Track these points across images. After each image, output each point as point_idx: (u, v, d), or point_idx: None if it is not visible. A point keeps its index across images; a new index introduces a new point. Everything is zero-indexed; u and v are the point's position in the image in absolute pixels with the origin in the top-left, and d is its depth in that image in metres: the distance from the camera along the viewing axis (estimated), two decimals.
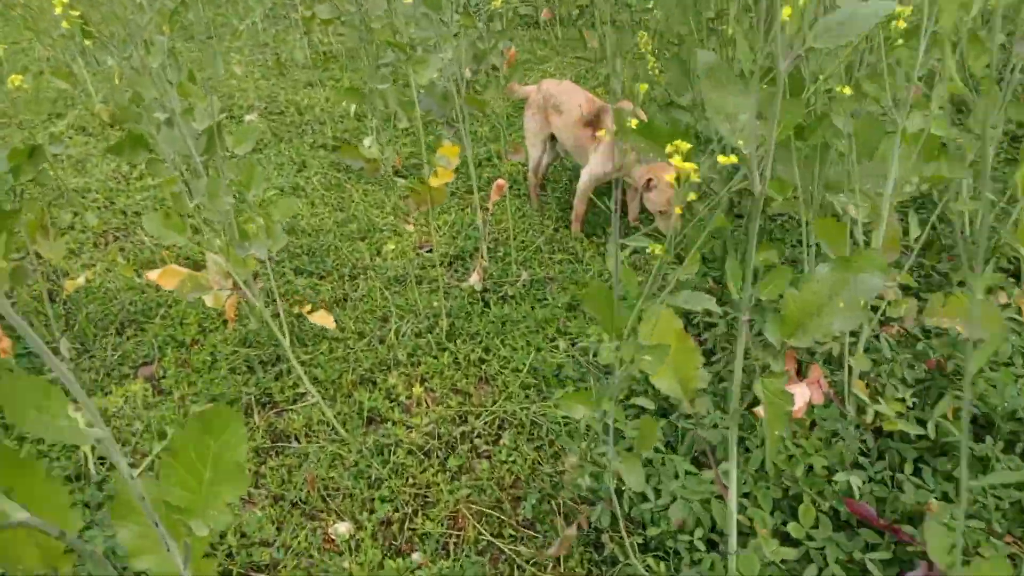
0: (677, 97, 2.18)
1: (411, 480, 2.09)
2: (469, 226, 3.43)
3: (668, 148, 1.09)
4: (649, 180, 3.01)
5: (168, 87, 1.74)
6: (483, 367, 2.54)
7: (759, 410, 1.44)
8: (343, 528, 1.93)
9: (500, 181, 2.95)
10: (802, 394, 1.61)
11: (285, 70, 5.68)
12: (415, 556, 1.86)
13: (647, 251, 3.02)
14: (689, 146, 1.08)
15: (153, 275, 1.78)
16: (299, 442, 2.25)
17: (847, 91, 1.35)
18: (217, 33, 6.82)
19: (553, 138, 3.59)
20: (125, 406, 2.38)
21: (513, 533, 1.93)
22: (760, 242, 2.25)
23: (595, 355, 2.49)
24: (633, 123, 2.18)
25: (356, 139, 4.59)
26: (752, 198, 1.09)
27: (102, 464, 2.17)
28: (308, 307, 1.87)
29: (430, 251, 3.31)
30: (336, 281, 3.10)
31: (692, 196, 1.11)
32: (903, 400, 1.75)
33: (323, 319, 1.86)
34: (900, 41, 1.33)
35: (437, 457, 2.17)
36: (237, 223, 1.70)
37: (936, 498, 1.62)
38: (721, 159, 1.07)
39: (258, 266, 2.20)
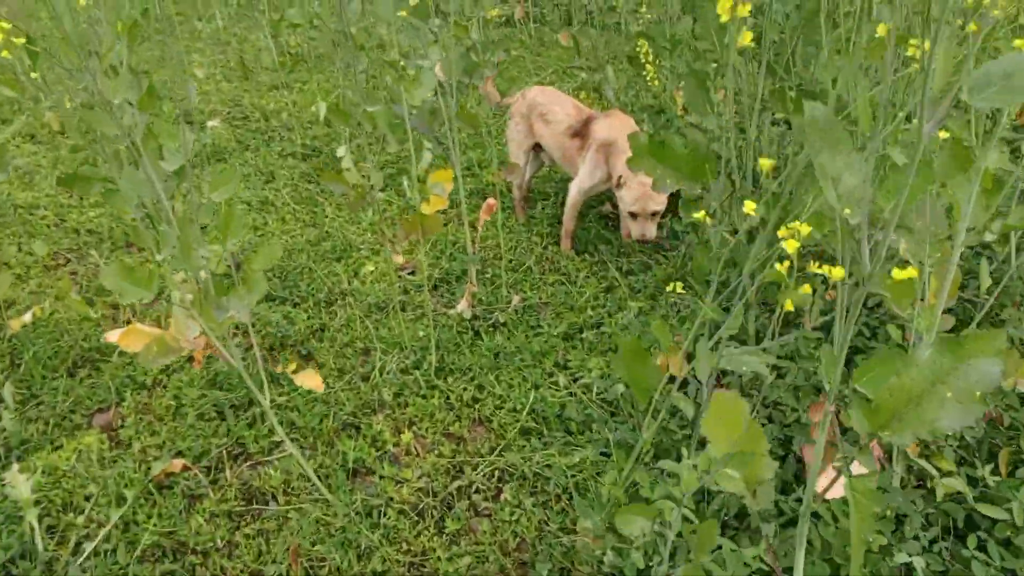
0: (697, 117, 1.98)
1: (405, 547, 1.87)
2: (454, 245, 3.21)
3: (782, 231, 0.89)
4: (620, 177, 2.83)
5: (132, 118, 1.49)
6: (477, 407, 2.32)
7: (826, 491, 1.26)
8: None
9: (491, 201, 2.73)
10: (855, 469, 1.42)
11: (249, 72, 5.38)
12: None
13: (651, 276, 2.83)
14: (808, 228, 0.88)
15: (113, 336, 1.53)
16: (277, 502, 2.02)
17: (944, 135, 1.17)
18: (176, 32, 6.47)
19: (538, 148, 3.39)
20: (77, 463, 2.12)
21: None
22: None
23: (599, 393, 2.30)
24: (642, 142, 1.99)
25: (327, 147, 4.34)
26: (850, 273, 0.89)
27: (51, 535, 1.92)
28: (292, 365, 1.64)
29: (412, 273, 3.09)
30: (312, 308, 2.86)
31: (806, 291, 0.90)
32: (970, 464, 1.58)
33: (310, 380, 1.63)
34: None
35: (432, 517, 1.96)
36: (213, 277, 1.47)
37: None
38: (898, 273, 0.86)
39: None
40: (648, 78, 2.98)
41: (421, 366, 2.48)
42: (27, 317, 2.47)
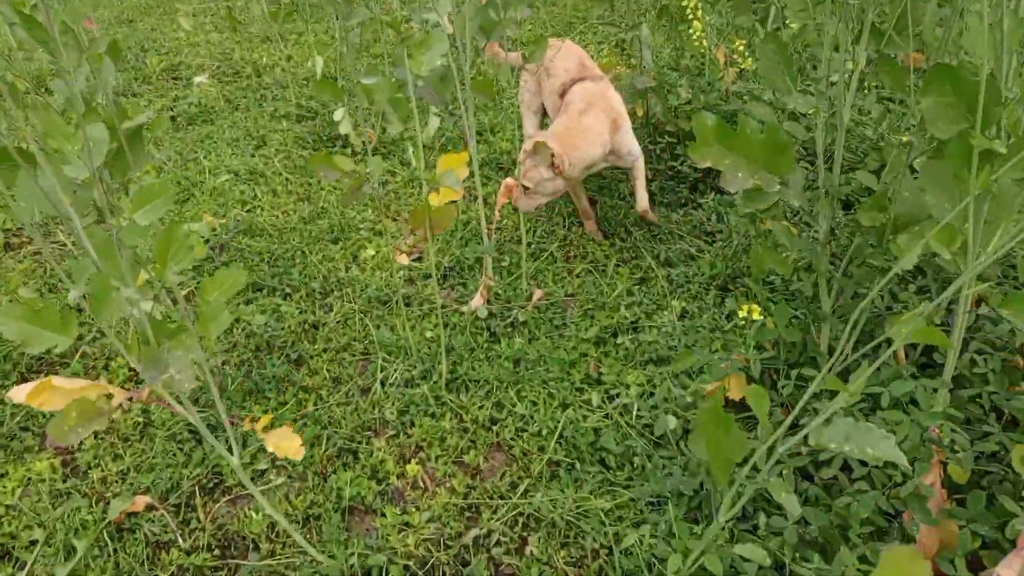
0: (775, 93, 1.59)
1: None
2: (465, 226, 2.84)
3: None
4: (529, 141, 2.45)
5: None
6: (495, 430, 1.98)
7: None
8: None
9: (510, 181, 2.35)
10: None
11: (240, 24, 4.93)
12: None
13: (695, 269, 2.44)
14: None
15: (19, 394, 1.17)
16: (259, 551, 1.69)
17: None
18: None
19: None
20: (23, 499, 1.79)
21: None
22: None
23: (639, 416, 1.95)
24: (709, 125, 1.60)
25: (324, 108, 3.93)
26: None
27: None
28: (263, 420, 1.27)
29: (419, 259, 2.72)
30: (304, 301, 2.50)
31: None
32: None
33: (286, 444, 1.25)
34: None
35: None
36: (151, 320, 1.10)
37: None
38: None
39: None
40: (695, 36, 2.56)
41: (429, 377, 2.13)
42: None
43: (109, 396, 1.19)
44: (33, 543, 1.69)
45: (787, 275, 1.85)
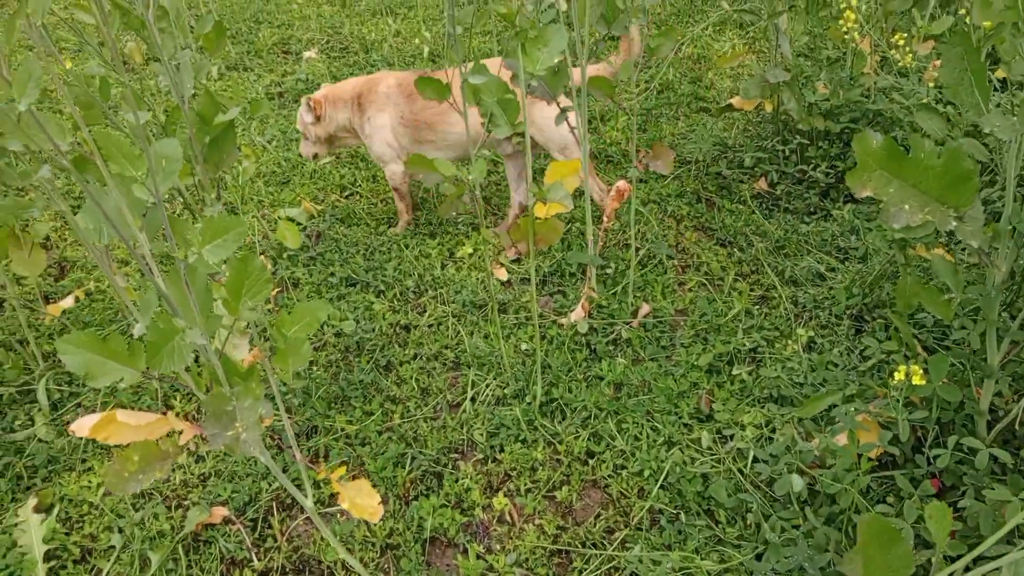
0: (961, 109, 1.32)
1: None
2: (569, 226, 2.65)
3: None
4: None
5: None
6: (591, 464, 1.81)
7: None
8: None
9: (622, 184, 2.14)
10: None
11: None
12: None
13: (825, 291, 2.16)
14: None
15: (83, 428, 1.08)
16: None
17: None
18: None
19: None
20: (104, 499, 1.76)
21: None
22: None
23: (756, 462, 1.73)
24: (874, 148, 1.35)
25: None
26: None
27: None
28: (340, 471, 1.13)
29: (518, 260, 2.55)
30: (397, 300, 2.39)
31: None
32: None
33: (363, 501, 1.10)
34: None
35: None
36: (224, 361, 0.99)
37: None
38: None
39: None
40: (845, 27, 2.25)
41: (523, 397, 1.98)
42: (68, 301, 2.11)
43: (174, 434, 1.09)
44: (111, 548, 1.65)
45: (948, 320, 1.57)
